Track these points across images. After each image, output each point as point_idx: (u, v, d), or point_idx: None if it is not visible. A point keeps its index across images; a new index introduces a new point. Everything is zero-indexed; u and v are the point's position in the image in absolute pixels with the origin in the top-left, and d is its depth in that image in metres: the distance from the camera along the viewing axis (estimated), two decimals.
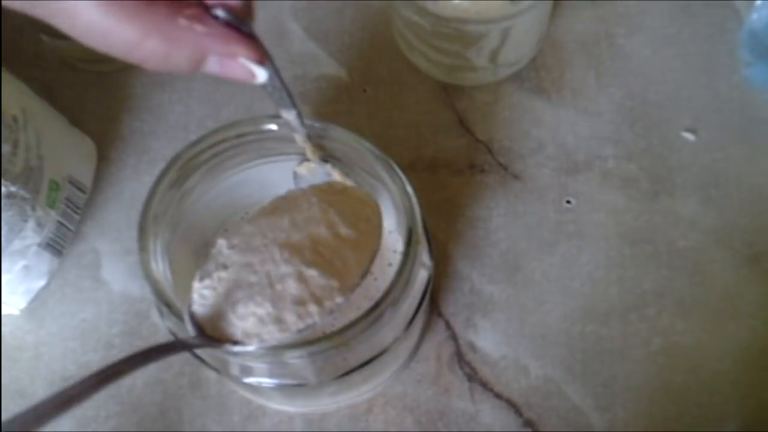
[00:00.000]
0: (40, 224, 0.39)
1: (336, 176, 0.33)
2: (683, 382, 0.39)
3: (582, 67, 0.47)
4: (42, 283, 0.41)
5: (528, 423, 0.38)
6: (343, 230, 0.30)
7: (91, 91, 0.47)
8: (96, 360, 0.40)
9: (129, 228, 0.43)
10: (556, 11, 0.48)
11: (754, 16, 0.43)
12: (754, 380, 0.39)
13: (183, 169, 0.31)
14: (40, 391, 0.39)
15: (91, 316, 0.41)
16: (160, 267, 0.30)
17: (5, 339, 0.41)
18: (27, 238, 0.39)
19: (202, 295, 0.28)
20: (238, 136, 0.32)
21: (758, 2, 0.43)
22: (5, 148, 0.36)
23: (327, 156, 0.33)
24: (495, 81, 0.46)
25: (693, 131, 0.45)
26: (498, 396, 0.39)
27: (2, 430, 0.20)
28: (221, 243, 0.29)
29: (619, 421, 0.38)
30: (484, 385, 0.39)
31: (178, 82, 0.47)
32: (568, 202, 0.43)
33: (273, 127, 0.32)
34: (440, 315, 0.41)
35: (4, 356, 0.40)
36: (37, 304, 0.41)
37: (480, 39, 0.42)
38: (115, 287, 0.42)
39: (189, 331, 0.28)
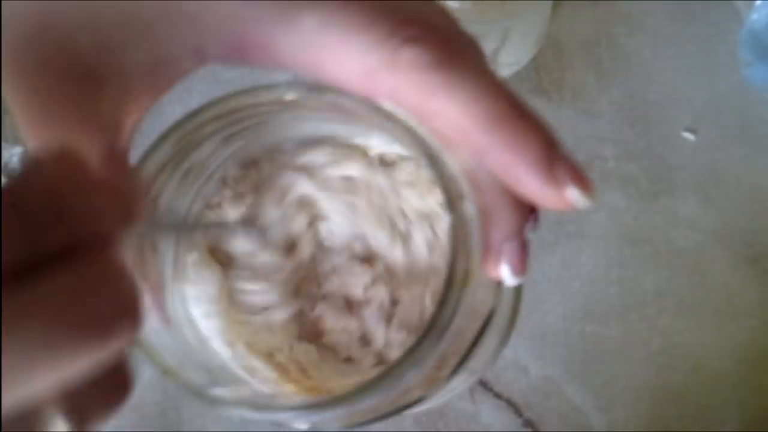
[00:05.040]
0: None
1: None
2: (683, 382, 0.39)
3: (582, 67, 0.47)
4: None
5: (528, 423, 0.38)
6: None
7: None
8: None
9: None
10: (556, 11, 0.48)
11: (754, 16, 0.43)
12: (754, 380, 0.39)
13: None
14: None
15: None
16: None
17: None
18: None
19: None
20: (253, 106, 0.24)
21: (758, 2, 0.43)
22: (17, 150, 0.37)
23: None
24: None
25: (693, 131, 0.45)
26: (498, 396, 0.39)
27: None
28: None
29: (619, 421, 0.38)
30: (484, 385, 0.39)
31: (179, 88, 0.47)
32: None
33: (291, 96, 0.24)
34: None
35: None
36: None
37: (480, 39, 0.42)
38: None
39: None
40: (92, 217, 0.15)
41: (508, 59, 0.45)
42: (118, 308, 0.14)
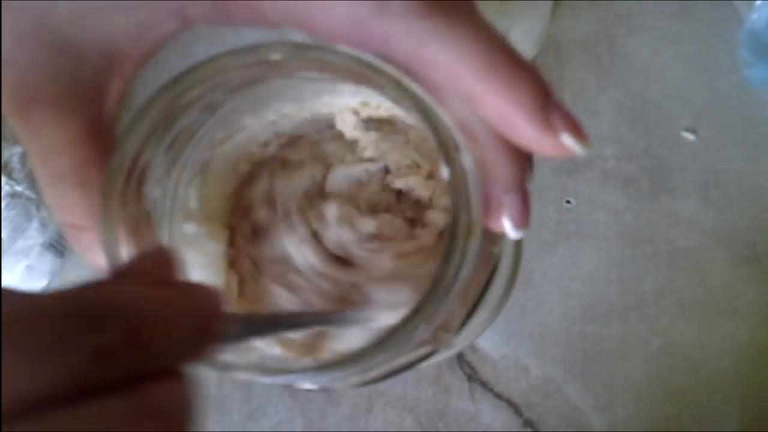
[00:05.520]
0: (43, 224, 0.39)
1: None
2: (683, 382, 0.39)
3: (582, 67, 0.47)
4: (44, 283, 0.42)
5: (528, 423, 0.38)
6: None
7: None
8: None
9: None
10: (556, 11, 0.48)
11: (754, 16, 0.43)
12: (754, 380, 0.39)
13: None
14: None
15: None
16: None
17: None
18: (30, 238, 0.39)
19: None
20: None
21: (758, 2, 0.43)
22: (17, 149, 0.37)
23: None
24: None
25: (693, 131, 0.45)
26: (498, 396, 0.39)
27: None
28: None
29: (619, 421, 0.38)
30: (484, 385, 0.39)
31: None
32: (568, 202, 0.43)
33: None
34: None
35: None
36: None
37: None
38: None
39: None
40: (169, 342, 0.14)
41: None
42: None
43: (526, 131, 0.17)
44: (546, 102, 0.18)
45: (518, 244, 0.30)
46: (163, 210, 0.24)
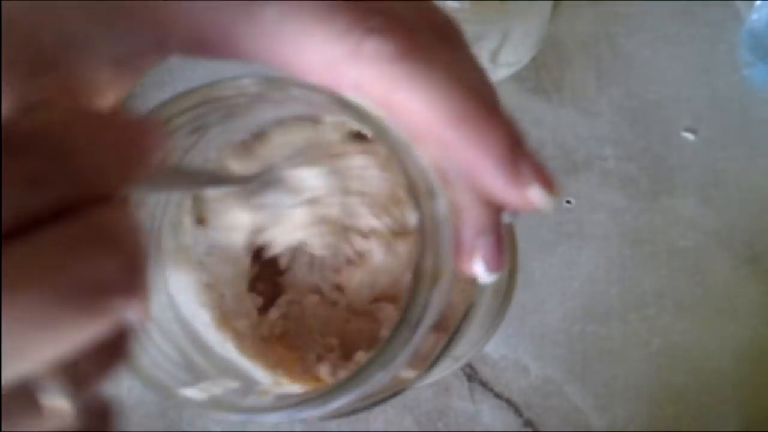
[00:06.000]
0: None
1: None
2: (683, 382, 0.39)
3: (582, 67, 0.47)
4: None
5: (528, 423, 0.38)
6: None
7: None
8: None
9: None
10: (556, 11, 0.48)
11: (754, 16, 0.43)
12: (754, 380, 0.39)
13: None
14: None
15: None
16: None
17: None
18: None
19: None
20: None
21: (758, 2, 0.43)
22: None
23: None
24: (495, 81, 0.46)
25: (693, 131, 0.45)
26: (498, 396, 0.39)
27: None
28: None
29: (619, 421, 0.38)
30: (484, 385, 0.39)
31: (178, 82, 0.47)
32: (568, 202, 0.43)
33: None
34: None
35: None
36: None
37: (479, 39, 0.42)
38: None
39: None
40: (99, 167, 0.13)
41: (508, 59, 0.45)
42: (120, 274, 0.13)
43: (493, 182, 0.17)
44: (516, 152, 0.17)
45: (511, 281, 0.29)
46: (150, 229, 0.24)
